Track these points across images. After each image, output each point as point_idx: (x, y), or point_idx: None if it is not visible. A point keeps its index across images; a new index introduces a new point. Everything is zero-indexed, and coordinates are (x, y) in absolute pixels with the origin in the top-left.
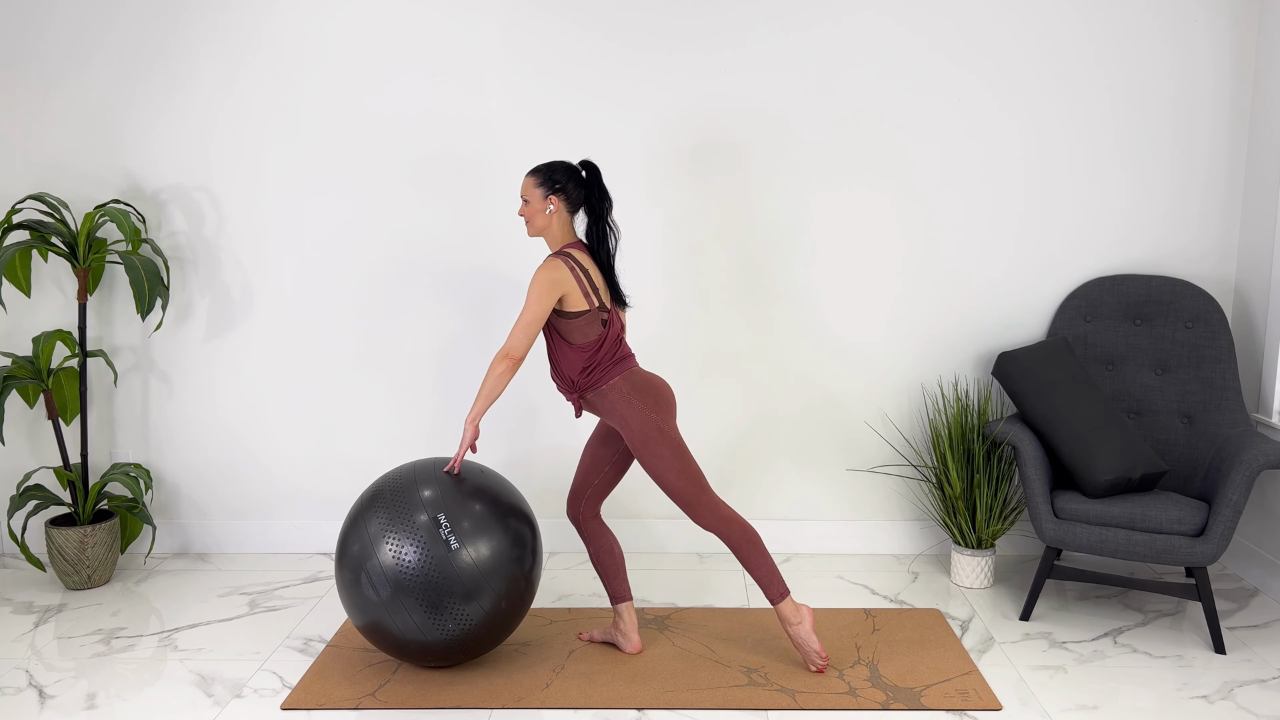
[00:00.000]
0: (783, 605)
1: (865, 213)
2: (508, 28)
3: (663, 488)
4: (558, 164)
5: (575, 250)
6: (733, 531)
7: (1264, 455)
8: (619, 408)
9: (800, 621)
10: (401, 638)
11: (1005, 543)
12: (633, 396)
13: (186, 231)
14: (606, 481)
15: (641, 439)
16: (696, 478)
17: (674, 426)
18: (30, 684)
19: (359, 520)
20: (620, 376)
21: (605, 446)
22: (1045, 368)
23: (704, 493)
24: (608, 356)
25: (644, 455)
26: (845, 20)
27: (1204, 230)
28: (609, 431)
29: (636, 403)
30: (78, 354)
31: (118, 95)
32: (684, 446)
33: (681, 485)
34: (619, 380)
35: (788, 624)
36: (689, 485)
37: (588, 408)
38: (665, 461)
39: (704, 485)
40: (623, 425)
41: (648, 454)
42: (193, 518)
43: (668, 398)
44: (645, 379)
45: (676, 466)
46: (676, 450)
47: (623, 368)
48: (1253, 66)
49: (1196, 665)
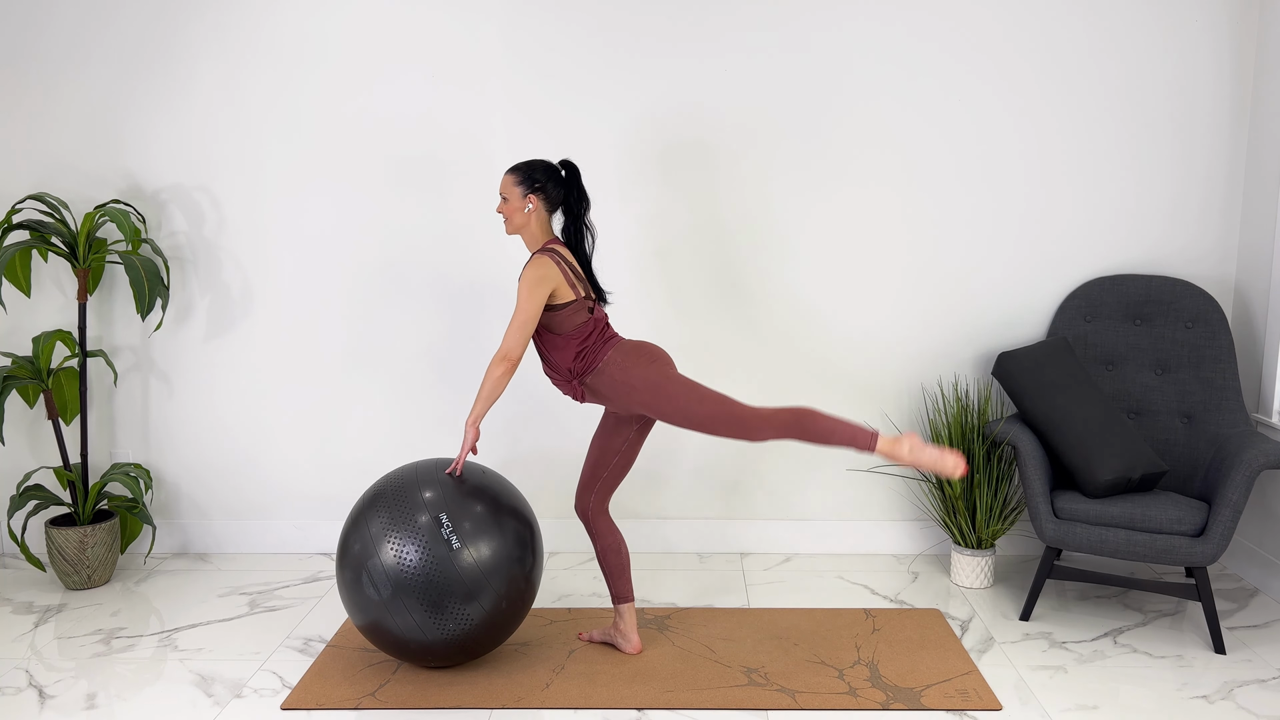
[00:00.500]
0: (881, 446)
1: (865, 213)
2: (508, 29)
3: (697, 426)
4: (537, 163)
5: (556, 245)
6: (788, 421)
7: (1264, 455)
8: (618, 377)
9: (910, 448)
10: (402, 638)
11: (1005, 543)
12: (627, 363)
13: (186, 231)
14: (615, 474)
15: (651, 391)
16: (720, 399)
17: (677, 371)
18: (30, 684)
19: (360, 520)
20: (611, 351)
21: (612, 436)
22: (1045, 368)
23: (737, 406)
24: (596, 338)
25: (661, 406)
26: (843, 20)
27: (1204, 230)
28: (614, 421)
29: (632, 366)
30: (78, 354)
31: (118, 95)
32: (695, 382)
33: (710, 411)
34: (611, 354)
35: (899, 459)
36: (717, 408)
37: (589, 393)
38: (681, 399)
39: (732, 402)
40: (628, 392)
41: (663, 402)
42: (193, 518)
43: (661, 353)
44: (634, 345)
45: (696, 396)
46: (688, 387)
47: (611, 345)
48: (1253, 66)
49: (1196, 665)
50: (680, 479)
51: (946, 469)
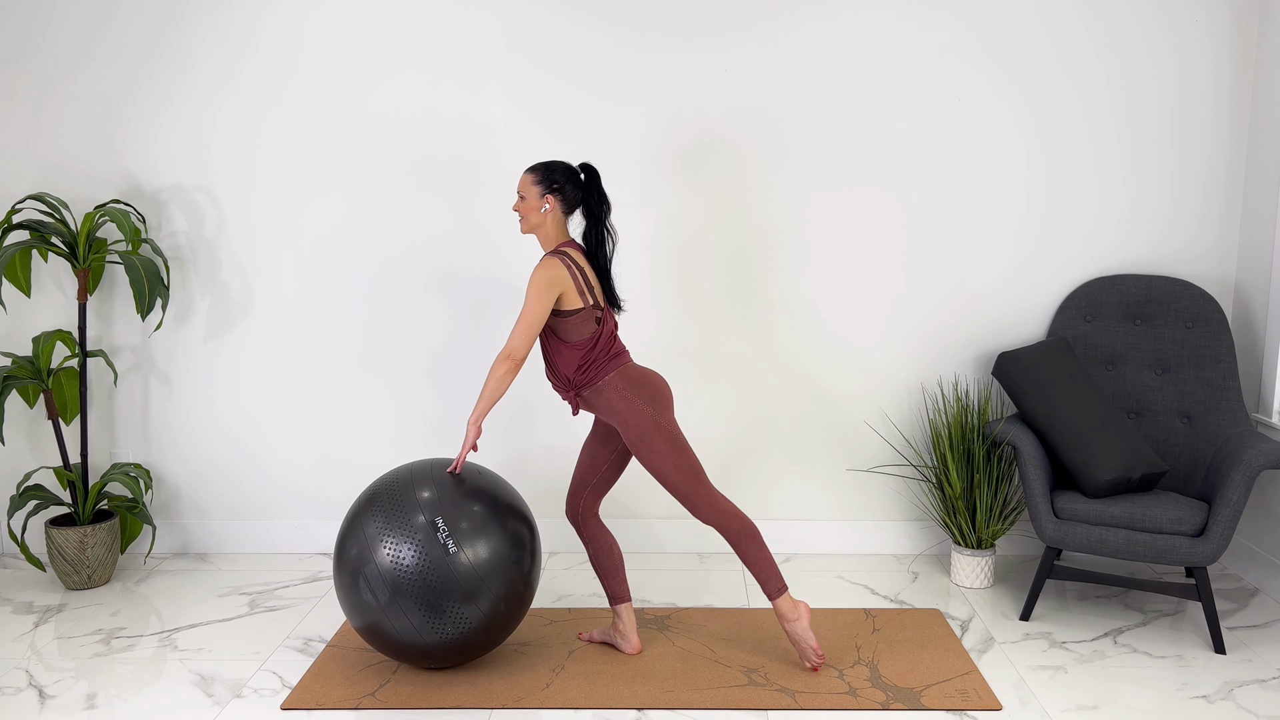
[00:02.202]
0: (780, 601)
1: (865, 213)
2: (508, 27)
3: (660, 481)
4: (557, 164)
5: (570, 249)
6: (731, 525)
7: (1264, 455)
8: (615, 403)
9: (797, 618)
10: (400, 640)
11: (1005, 543)
12: (628, 392)
13: (186, 231)
14: (604, 480)
15: (638, 434)
16: (694, 472)
17: (671, 420)
18: (30, 684)
19: (356, 523)
20: (615, 372)
21: (603, 445)
22: (1045, 368)
23: (702, 486)
24: (602, 353)
25: (640, 450)
26: (845, 20)
27: (1204, 230)
28: (607, 430)
29: (632, 397)
30: (78, 354)
31: (118, 95)
32: (682, 440)
33: (678, 479)
34: (614, 376)
35: (785, 620)
36: (686, 479)
37: (584, 405)
38: (662, 456)
39: (702, 479)
40: (619, 421)
41: (644, 448)
42: (193, 518)
43: (664, 392)
44: (640, 374)
45: (673, 460)
46: (673, 444)
47: (617, 364)
48: (1253, 66)
49: (1196, 665)
50: None
51: (806, 656)
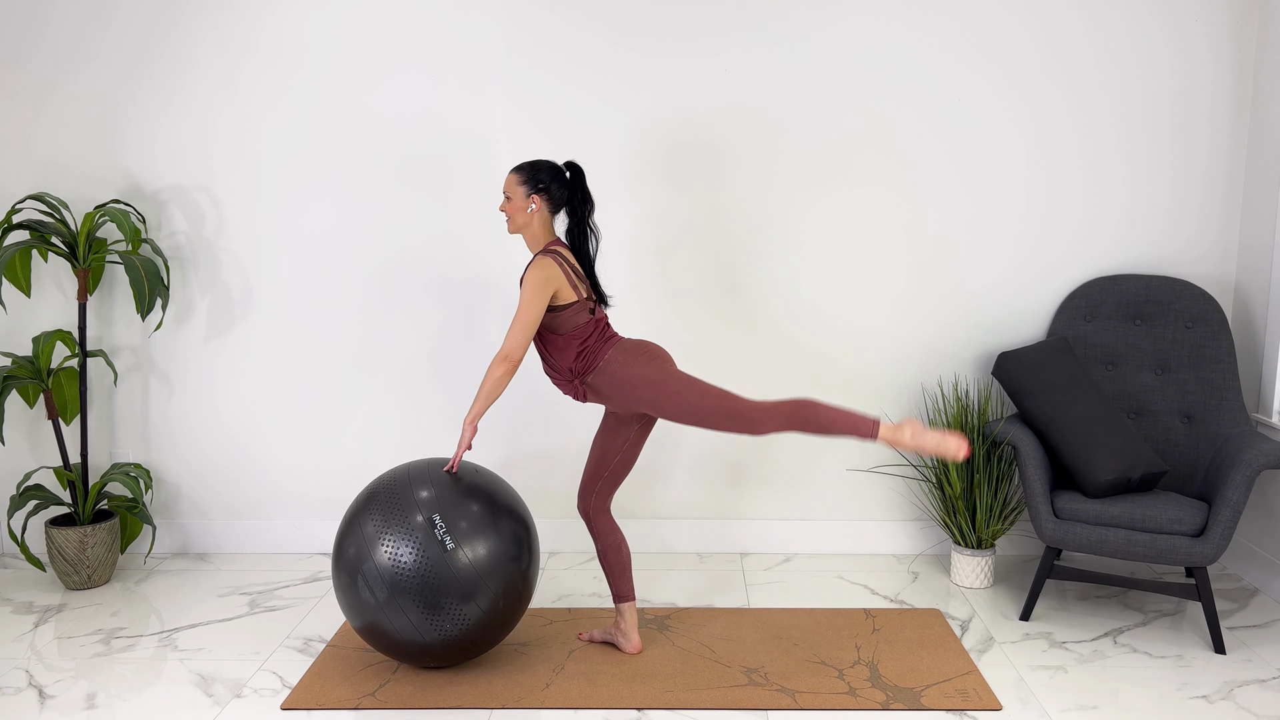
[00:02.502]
0: (883, 433)
1: (865, 213)
2: (508, 28)
3: (698, 422)
4: (542, 163)
5: (559, 247)
6: (791, 415)
7: (1264, 455)
8: (619, 375)
9: (911, 433)
10: (399, 638)
11: (1005, 543)
12: (628, 360)
13: (186, 231)
14: (615, 474)
15: (651, 390)
16: (721, 394)
17: (677, 368)
18: (30, 684)
19: (354, 522)
20: (612, 350)
21: (614, 436)
22: (1045, 368)
23: (738, 401)
24: (597, 338)
25: (661, 403)
26: (843, 21)
27: (1204, 230)
28: (615, 421)
29: (632, 363)
30: (78, 354)
31: (118, 95)
32: (695, 378)
33: (711, 405)
34: (612, 353)
35: (901, 445)
36: (718, 402)
37: (590, 392)
38: (682, 395)
39: (734, 397)
40: (629, 389)
41: (663, 399)
42: (193, 518)
43: (660, 351)
44: (634, 343)
45: (697, 392)
46: (688, 382)
47: (612, 343)
48: (1253, 66)
49: (1196, 665)
50: (680, 478)
51: (949, 452)
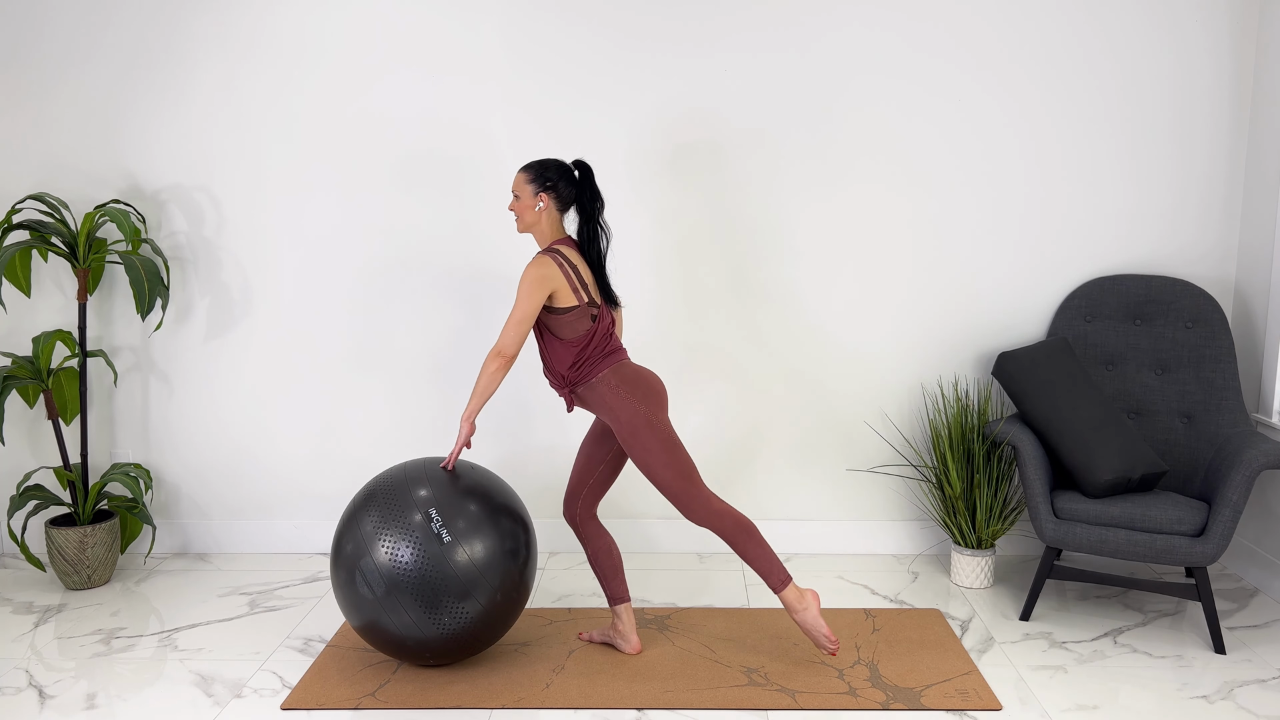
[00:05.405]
0: (786, 593)
1: (866, 213)
2: (507, 28)
3: (652, 480)
4: (551, 161)
5: (563, 246)
6: (726, 525)
7: (1264, 455)
8: (608, 400)
9: (806, 608)
10: (399, 636)
11: (1005, 543)
12: (621, 389)
13: (186, 231)
14: (602, 481)
15: (630, 430)
16: (686, 471)
17: (664, 419)
18: (30, 684)
19: (353, 520)
20: (609, 369)
21: (599, 445)
22: (1045, 368)
23: (694, 486)
24: (597, 351)
25: (632, 447)
26: (844, 24)
27: (1204, 230)
28: (603, 429)
29: (625, 395)
30: (78, 354)
31: (118, 95)
32: (675, 439)
33: (669, 478)
34: (608, 373)
35: (794, 611)
36: (677, 478)
37: (578, 402)
38: (653, 454)
39: (695, 479)
40: (612, 418)
41: (636, 446)
42: (193, 518)
43: (658, 390)
44: (634, 372)
45: (664, 459)
46: (666, 443)
47: (611, 361)
48: (1252, 66)
49: (1196, 665)
50: None
51: (823, 646)
